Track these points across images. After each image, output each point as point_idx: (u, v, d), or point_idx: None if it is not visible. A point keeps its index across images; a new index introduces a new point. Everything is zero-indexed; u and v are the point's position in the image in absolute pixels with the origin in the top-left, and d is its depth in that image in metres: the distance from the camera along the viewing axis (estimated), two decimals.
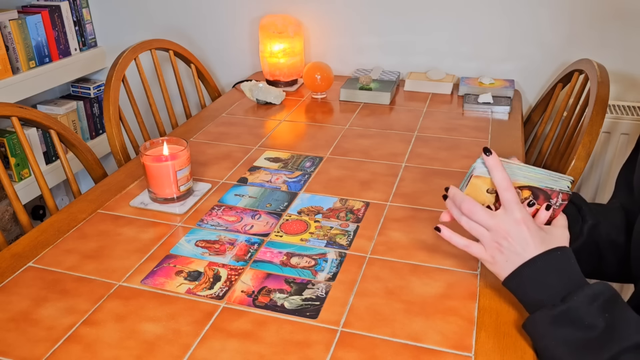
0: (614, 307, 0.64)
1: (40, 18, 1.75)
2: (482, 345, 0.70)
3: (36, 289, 0.80)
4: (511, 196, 0.70)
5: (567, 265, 0.68)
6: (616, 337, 0.61)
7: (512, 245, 0.70)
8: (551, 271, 0.68)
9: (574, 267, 0.69)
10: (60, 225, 0.97)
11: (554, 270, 0.68)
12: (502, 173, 0.70)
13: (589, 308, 0.64)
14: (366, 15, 1.71)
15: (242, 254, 0.88)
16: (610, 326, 0.62)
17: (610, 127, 1.51)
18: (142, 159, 0.98)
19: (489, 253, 0.72)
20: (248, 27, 1.84)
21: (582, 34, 1.56)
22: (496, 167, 0.71)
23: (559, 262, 0.68)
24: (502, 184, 0.70)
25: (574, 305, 0.64)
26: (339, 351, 0.69)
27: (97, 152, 1.99)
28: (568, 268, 0.68)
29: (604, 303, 0.64)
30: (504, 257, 0.70)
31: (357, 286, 0.80)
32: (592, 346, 0.62)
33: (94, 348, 0.70)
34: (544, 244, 0.69)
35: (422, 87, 1.61)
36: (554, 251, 0.69)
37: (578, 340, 0.63)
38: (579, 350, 0.63)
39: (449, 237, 0.75)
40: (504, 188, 0.70)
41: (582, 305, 0.64)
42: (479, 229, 0.72)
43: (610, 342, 0.61)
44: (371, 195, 1.05)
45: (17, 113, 1.13)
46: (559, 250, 0.69)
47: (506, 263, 0.70)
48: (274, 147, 1.26)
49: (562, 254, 0.69)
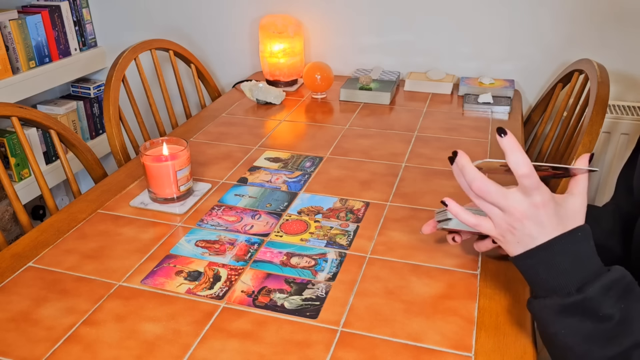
0: (629, 297, 0.61)
1: (40, 18, 1.75)
2: (482, 345, 0.70)
3: (36, 289, 0.80)
4: (531, 182, 0.64)
5: (583, 249, 0.64)
6: (630, 330, 0.60)
7: (526, 228, 0.65)
8: (566, 257, 0.63)
9: (591, 249, 0.64)
10: (60, 225, 0.97)
11: (570, 255, 0.64)
12: (520, 156, 0.63)
13: (604, 298, 0.61)
14: (366, 15, 1.71)
15: (242, 254, 0.88)
16: (624, 318, 0.60)
17: (610, 127, 1.51)
18: (142, 159, 0.98)
19: (499, 232, 0.68)
20: (248, 27, 1.84)
21: (582, 34, 1.56)
22: (513, 149, 0.63)
23: (575, 245, 0.64)
24: (521, 170, 0.63)
25: (589, 296, 0.61)
26: (339, 351, 0.69)
27: (97, 152, 1.99)
28: (584, 252, 0.64)
29: (619, 292, 0.61)
30: (515, 239, 0.66)
31: (357, 286, 0.80)
32: (605, 337, 0.60)
33: (94, 348, 0.70)
34: (561, 224, 0.65)
35: (422, 87, 1.61)
36: (574, 233, 0.64)
37: (590, 331, 0.61)
38: (590, 341, 0.61)
39: (457, 213, 0.70)
40: (523, 174, 0.63)
41: (597, 296, 0.61)
42: (490, 207, 0.67)
43: (623, 335, 0.60)
44: (371, 195, 1.05)
45: (17, 113, 1.13)
46: (579, 231, 0.64)
47: (517, 244, 0.67)
48: (274, 147, 1.26)
49: (582, 235, 0.64)
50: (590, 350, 0.61)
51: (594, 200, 1.62)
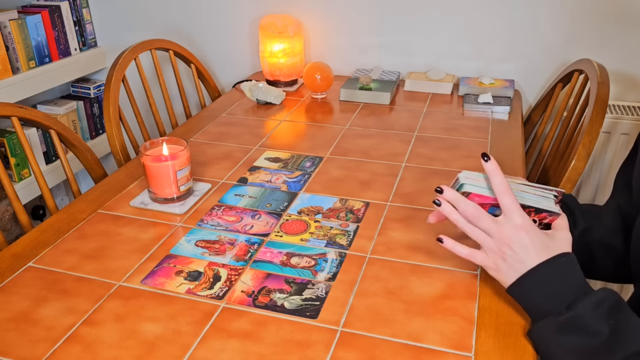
0: (618, 313, 0.64)
1: (40, 18, 1.75)
2: (482, 345, 0.70)
3: (36, 289, 0.80)
4: (510, 201, 0.70)
5: (570, 272, 0.68)
6: (621, 343, 0.61)
7: (515, 254, 0.69)
8: (555, 279, 0.68)
9: (577, 273, 0.68)
10: (60, 225, 0.97)
11: (558, 278, 0.68)
12: (500, 178, 0.70)
13: (594, 315, 0.63)
14: (366, 15, 1.71)
15: (242, 254, 0.88)
16: (615, 332, 0.62)
17: (610, 127, 1.51)
18: (142, 159, 0.98)
19: (492, 260, 0.72)
20: (248, 27, 1.84)
21: (582, 34, 1.56)
22: (495, 172, 0.70)
23: (562, 268, 0.68)
24: (500, 189, 0.70)
25: (579, 313, 0.64)
26: (339, 351, 0.69)
27: (97, 152, 1.99)
28: (571, 275, 0.68)
29: (608, 309, 0.64)
30: (507, 265, 0.70)
31: (357, 286, 0.80)
32: (598, 353, 0.62)
33: (94, 348, 0.70)
34: (547, 250, 0.69)
35: (422, 87, 1.61)
36: (558, 258, 0.69)
37: (584, 348, 0.63)
38: (585, 358, 0.63)
39: (452, 248, 0.75)
40: (502, 192, 0.70)
41: (587, 313, 0.64)
42: (481, 235, 0.72)
43: (616, 348, 0.61)
44: (371, 195, 1.05)
45: (17, 113, 1.13)
46: (563, 257, 0.69)
47: (509, 271, 0.70)
48: (274, 147, 1.26)
49: (565, 260, 0.69)
50: None
51: (594, 200, 1.62)
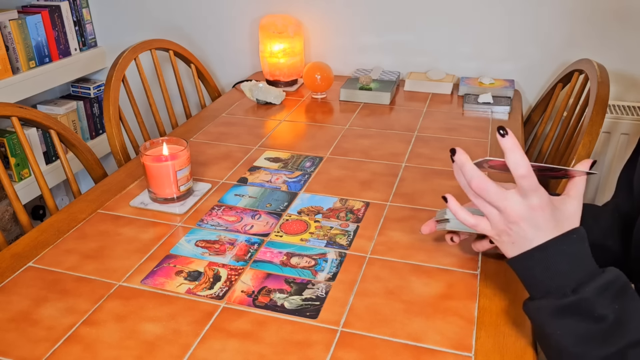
0: (624, 297, 0.62)
1: (40, 18, 1.75)
2: (482, 345, 0.70)
3: (36, 289, 0.80)
4: (529, 184, 0.63)
5: (578, 251, 0.64)
6: (625, 330, 0.60)
7: (522, 230, 0.65)
8: (562, 258, 0.64)
9: (585, 251, 0.65)
10: (60, 225, 0.97)
11: (566, 257, 0.64)
12: (520, 156, 0.62)
13: (599, 299, 0.61)
14: (366, 15, 1.71)
15: (242, 254, 0.88)
16: (619, 318, 0.60)
17: (610, 127, 1.51)
18: (142, 159, 0.98)
19: (495, 232, 0.68)
20: (248, 27, 1.84)
21: (582, 34, 1.56)
22: (512, 149, 0.62)
23: (571, 247, 0.64)
24: (519, 171, 0.62)
25: (585, 297, 0.61)
26: (339, 351, 0.69)
27: (97, 152, 1.99)
28: (579, 254, 0.64)
29: (614, 293, 0.61)
30: (511, 239, 0.67)
31: (357, 286, 0.80)
32: (600, 338, 0.60)
33: (94, 348, 0.70)
34: (557, 227, 0.65)
35: (422, 87, 1.61)
36: (567, 236, 0.65)
37: (585, 331, 0.61)
38: (585, 341, 0.61)
39: (455, 211, 0.70)
40: (521, 175, 0.62)
41: (593, 297, 0.61)
42: (488, 207, 0.67)
43: (618, 335, 0.60)
44: (371, 195, 1.05)
45: (17, 113, 1.13)
46: (574, 233, 0.65)
47: (512, 245, 0.67)
48: (274, 147, 1.26)
49: (576, 238, 0.65)
50: (586, 351, 0.61)
51: (594, 200, 1.62)
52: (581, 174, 0.69)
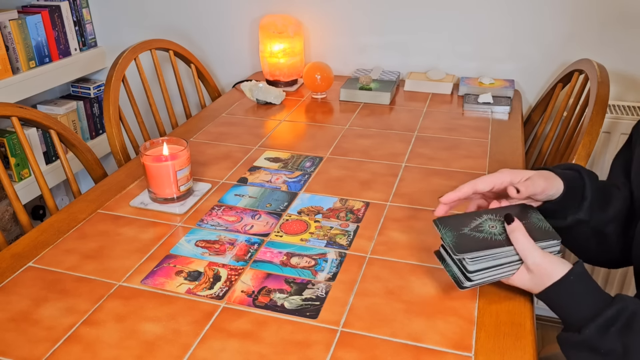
0: (629, 332, 0.65)
1: (40, 18, 1.75)
2: (482, 345, 0.70)
3: (36, 289, 0.80)
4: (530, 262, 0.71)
5: (578, 290, 0.69)
6: None
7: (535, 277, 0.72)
8: (567, 299, 0.70)
9: (587, 288, 0.69)
10: (60, 225, 0.97)
11: (569, 297, 0.70)
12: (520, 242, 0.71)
13: (604, 336, 0.66)
14: (366, 15, 1.71)
15: (242, 254, 0.88)
16: (626, 351, 0.64)
17: (610, 127, 1.51)
18: (142, 159, 0.98)
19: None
20: (248, 27, 1.84)
21: (582, 34, 1.56)
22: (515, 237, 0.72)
23: (570, 289, 0.70)
24: (521, 252, 0.72)
25: (587, 337, 0.67)
26: (339, 351, 0.69)
27: (97, 152, 1.98)
28: (581, 292, 0.69)
29: (620, 327, 0.65)
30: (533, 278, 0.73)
31: (357, 286, 0.80)
32: None
33: (94, 348, 0.70)
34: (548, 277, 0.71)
35: (422, 87, 1.61)
36: (565, 279, 0.70)
37: None
38: None
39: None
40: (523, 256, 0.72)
41: (595, 336, 0.66)
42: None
43: None
44: (371, 195, 1.05)
45: (17, 113, 1.13)
46: (571, 276, 0.70)
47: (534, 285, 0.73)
48: (274, 147, 1.26)
49: (573, 279, 0.69)
50: None
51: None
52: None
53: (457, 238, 0.73)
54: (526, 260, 0.71)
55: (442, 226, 0.75)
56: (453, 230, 0.74)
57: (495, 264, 0.72)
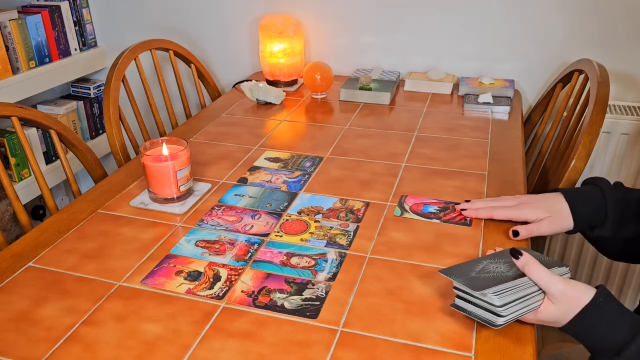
0: None
1: (40, 18, 1.75)
2: (482, 345, 0.70)
3: (36, 289, 0.80)
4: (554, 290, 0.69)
5: (610, 315, 0.68)
6: None
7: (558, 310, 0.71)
8: (599, 323, 0.68)
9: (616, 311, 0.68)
10: (60, 225, 0.97)
11: (601, 322, 0.68)
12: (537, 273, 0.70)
13: None
14: (366, 15, 1.71)
15: (242, 254, 0.88)
16: None
17: (610, 127, 1.51)
18: (142, 159, 0.98)
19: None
20: (248, 27, 1.84)
21: (582, 34, 1.56)
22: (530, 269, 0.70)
23: (601, 314, 0.68)
24: (541, 283, 0.70)
25: (630, 357, 0.65)
26: (339, 351, 0.69)
27: (97, 152, 1.98)
28: (612, 317, 0.68)
29: None
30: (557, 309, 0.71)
31: (357, 286, 0.80)
32: None
33: (94, 348, 0.70)
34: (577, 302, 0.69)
35: (422, 87, 1.61)
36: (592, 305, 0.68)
37: None
38: None
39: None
40: (544, 286, 0.70)
41: (636, 356, 0.65)
42: None
43: None
44: (371, 195, 1.05)
45: (17, 113, 1.13)
46: (600, 297, 0.68)
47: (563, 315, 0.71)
48: (274, 147, 1.26)
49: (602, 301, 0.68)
50: None
51: None
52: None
53: (469, 281, 0.71)
54: (548, 289, 0.69)
55: (450, 275, 0.73)
56: (462, 276, 0.73)
57: (519, 296, 0.70)
